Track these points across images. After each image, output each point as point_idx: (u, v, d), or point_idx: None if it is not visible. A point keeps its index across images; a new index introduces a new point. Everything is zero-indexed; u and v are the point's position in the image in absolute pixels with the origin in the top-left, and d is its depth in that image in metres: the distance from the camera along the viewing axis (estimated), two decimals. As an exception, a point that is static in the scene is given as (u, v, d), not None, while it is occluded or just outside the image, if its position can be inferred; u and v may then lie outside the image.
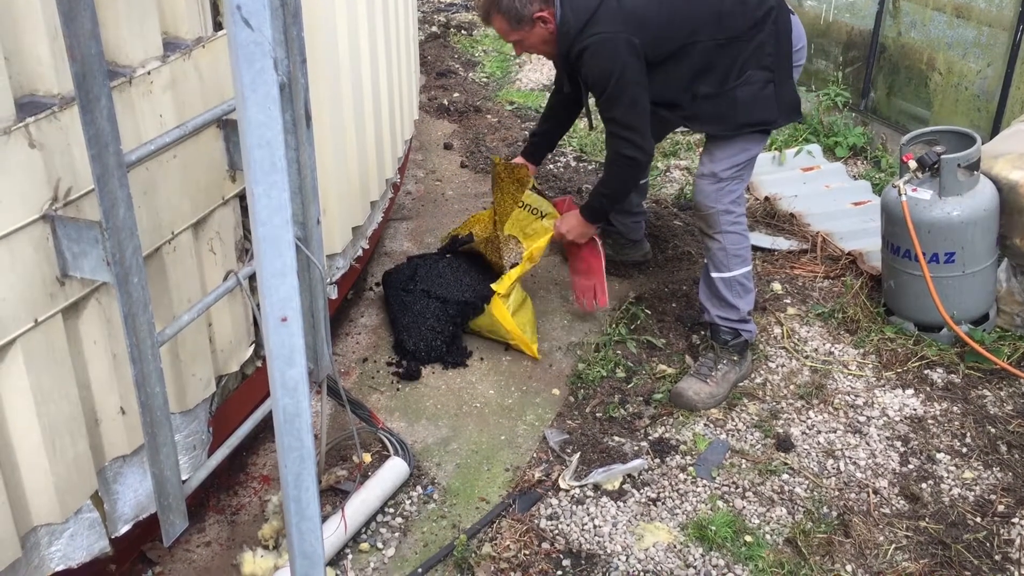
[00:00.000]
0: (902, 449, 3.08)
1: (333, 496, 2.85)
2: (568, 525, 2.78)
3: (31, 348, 1.83)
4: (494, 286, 3.49)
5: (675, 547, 2.71)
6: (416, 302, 3.60)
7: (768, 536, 2.75)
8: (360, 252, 3.52)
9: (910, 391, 3.33)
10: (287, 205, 1.58)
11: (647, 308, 3.81)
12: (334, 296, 3.12)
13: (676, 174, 5.06)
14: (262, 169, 1.55)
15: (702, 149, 3.37)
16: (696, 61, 3.15)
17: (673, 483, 2.94)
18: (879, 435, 3.13)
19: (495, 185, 3.76)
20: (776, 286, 3.97)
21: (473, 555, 2.65)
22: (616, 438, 3.13)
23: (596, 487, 2.91)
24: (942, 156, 3.35)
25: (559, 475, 2.95)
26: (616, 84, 3.07)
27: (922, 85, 4.94)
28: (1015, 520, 2.78)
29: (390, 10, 3.67)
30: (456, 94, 6.26)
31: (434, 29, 7.67)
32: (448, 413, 3.26)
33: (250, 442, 3.06)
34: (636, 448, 3.08)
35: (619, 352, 3.56)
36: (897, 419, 3.21)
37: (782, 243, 4.29)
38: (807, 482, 2.94)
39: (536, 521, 2.78)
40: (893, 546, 2.70)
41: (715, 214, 3.26)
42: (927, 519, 2.79)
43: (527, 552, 2.67)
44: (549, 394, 3.37)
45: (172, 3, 2.14)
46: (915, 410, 3.24)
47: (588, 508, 2.84)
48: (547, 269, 4.09)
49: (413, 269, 3.76)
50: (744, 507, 2.85)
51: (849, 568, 2.64)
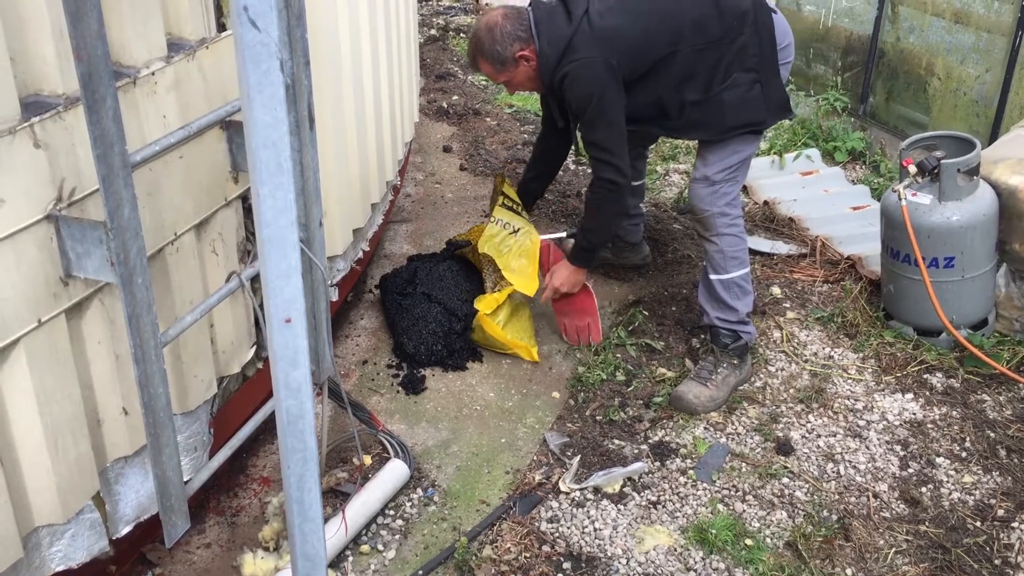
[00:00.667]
0: (902, 453, 3.08)
1: (333, 498, 2.85)
2: (568, 528, 2.78)
3: (34, 348, 1.83)
4: (478, 305, 3.48)
5: (675, 550, 2.71)
6: (416, 305, 3.60)
7: (768, 540, 2.75)
8: (360, 254, 3.52)
9: (909, 395, 3.33)
10: (292, 206, 1.58)
11: (647, 311, 3.82)
12: (335, 298, 3.12)
13: (675, 178, 5.07)
14: (268, 170, 1.55)
15: (696, 153, 3.38)
16: (678, 70, 3.16)
17: (673, 486, 2.95)
18: (879, 439, 3.14)
19: (493, 201, 3.76)
20: (775, 290, 3.98)
21: (474, 558, 2.65)
22: (616, 441, 3.13)
23: (596, 490, 2.91)
24: (942, 161, 3.36)
25: (559, 478, 2.95)
26: (596, 106, 3.11)
27: (921, 90, 4.95)
28: (1015, 524, 2.79)
29: (391, 13, 3.68)
30: (455, 97, 6.26)
31: (433, 32, 7.68)
32: (448, 416, 3.26)
33: (250, 444, 3.05)
34: (636, 451, 3.08)
35: (619, 355, 3.56)
36: (897, 423, 3.21)
37: (781, 247, 4.29)
38: (807, 486, 2.95)
39: (536, 524, 2.78)
40: (893, 550, 2.71)
41: (711, 217, 3.27)
42: (927, 523, 2.80)
43: (528, 555, 2.67)
44: (549, 397, 3.37)
45: (176, 4, 2.14)
46: (915, 414, 3.25)
47: (588, 511, 2.84)
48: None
49: (412, 272, 3.76)
50: (744, 510, 2.85)
51: (849, 572, 2.64)
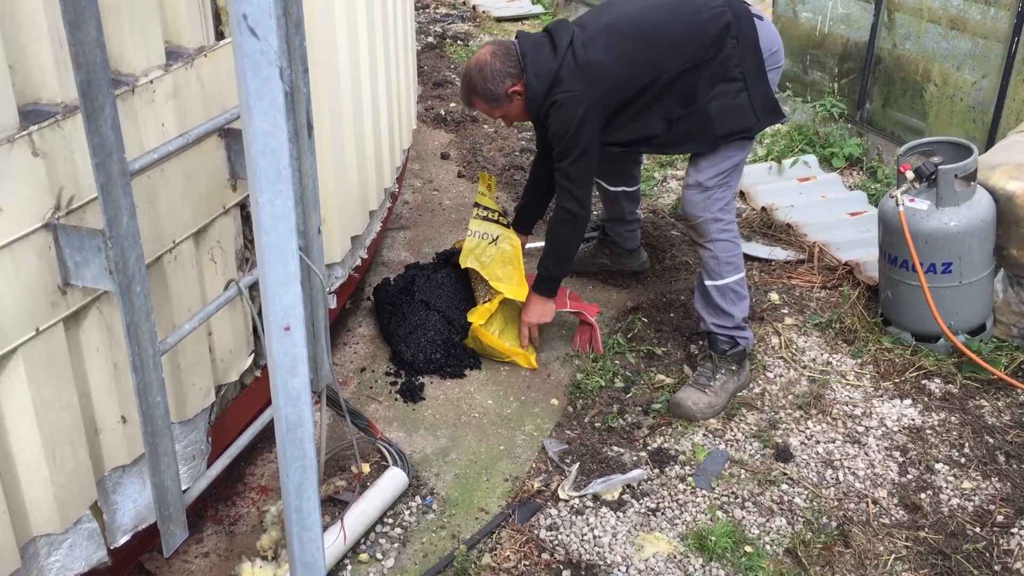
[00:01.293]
0: (901, 459, 3.08)
1: (332, 506, 2.84)
2: (568, 535, 2.77)
3: (32, 357, 1.83)
4: (471, 318, 3.48)
5: (675, 557, 2.70)
6: (414, 313, 3.60)
7: (768, 546, 2.75)
8: (359, 261, 3.51)
9: (908, 401, 3.33)
10: (291, 214, 1.58)
11: (645, 318, 3.82)
12: (333, 305, 3.11)
13: (673, 184, 5.07)
14: (267, 177, 1.55)
15: (688, 160, 3.39)
16: (662, 92, 3.19)
17: (672, 493, 2.94)
18: (878, 445, 3.14)
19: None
20: (773, 296, 3.98)
21: (473, 566, 2.65)
22: (615, 448, 3.12)
23: (595, 497, 2.91)
24: (939, 167, 3.36)
25: (558, 485, 2.95)
26: (570, 138, 3.16)
27: (917, 96, 4.96)
28: (1014, 530, 2.78)
29: (389, 21, 3.68)
30: (453, 104, 6.27)
31: (430, 40, 7.69)
32: (447, 423, 3.26)
33: (248, 452, 3.05)
34: (635, 458, 3.08)
35: (617, 362, 3.56)
36: (895, 429, 3.21)
37: (779, 253, 4.30)
38: (806, 492, 2.94)
39: (536, 531, 2.78)
40: (893, 556, 2.70)
41: (704, 223, 3.28)
42: (926, 529, 2.79)
43: (527, 563, 2.66)
44: (547, 404, 3.37)
45: (174, 12, 2.14)
46: (913, 420, 3.25)
47: (587, 518, 2.83)
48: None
49: (410, 279, 3.76)
50: (744, 517, 2.85)
51: (849, 578, 2.64)
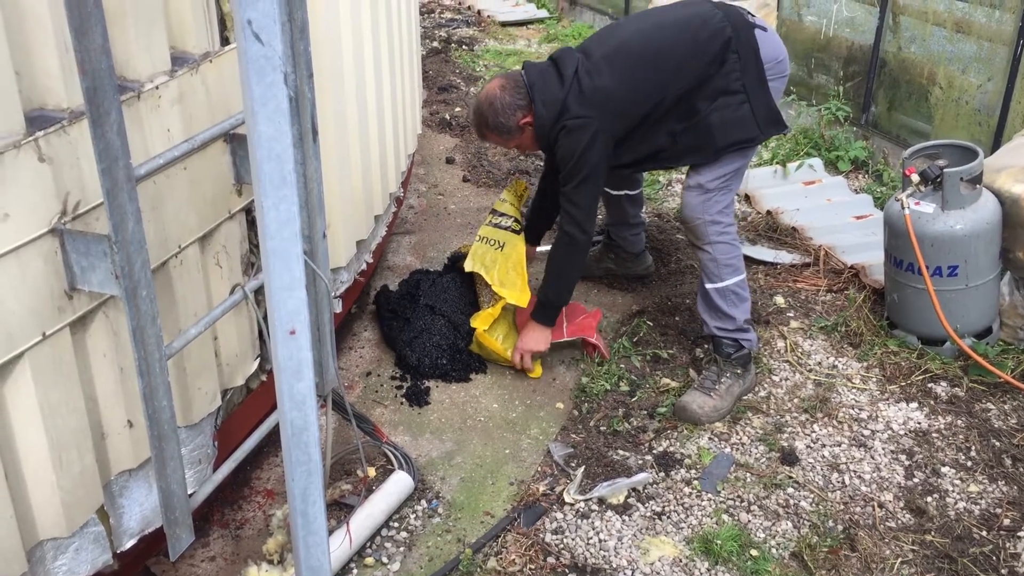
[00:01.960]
0: (907, 463, 3.07)
1: (337, 510, 2.85)
2: (573, 539, 2.77)
3: (39, 362, 1.83)
4: (474, 323, 3.50)
5: (681, 561, 2.70)
6: (420, 318, 3.60)
7: (774, 550, 2.74)
8: (364, 266, 3.52)
9: (914, 404, 3.33)
10: (296, 218, 1.59)
11: (650, 321, 3.82)
12: (338, 310, 3.12)
13: (678, 188, 5.07)
14: (272, 183, 1.56)
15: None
16: (665, 111, 3.23)
17: (678, 497, 2.94)
18: (884, 448, 3.13)
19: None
20: (779, 300, 3.98)
21: (478, 569, 2.65)
22: (620, 452, 3.12)
23: (601, 501, 2.91)
24: (945, 170, 3.36)
25: (564, 489, 2.95)
26: (576, 162, 3.19)
27: (923, 99, 4.96)
28: (1021, 534, 2.77)
29: (394, 25, 3.69)
30: (458, 108, 6.28)
31: (435, 44, 7.71)
32: (452, 427, 3.26)
33: (254, 456, 3.05)
34: (641, 462, 3.08)
35: (622, 365, 3.56)
36: (901, 433, 3.20)
37: (784, 257, 4.29)
38: (812, 496, 2.94)
39: (541, 535, 2.78)
40: (899, 560, 2.69)
41: (702, 225, 3.28)
42: (933, 533, 2.79)
43: (532, 566, 2.66)
44: (553, 408, 3.37)
45: (180, 18, 2.15)
46: (919, 423, 3.24)
47: (593, 522, 2.83)
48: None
49: (415, 284, 3.77)
50: (749, 521, 2.85)
51: (855, 582, 2.63)
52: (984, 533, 2.79)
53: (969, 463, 3.06)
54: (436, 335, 3.55)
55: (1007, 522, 2.82)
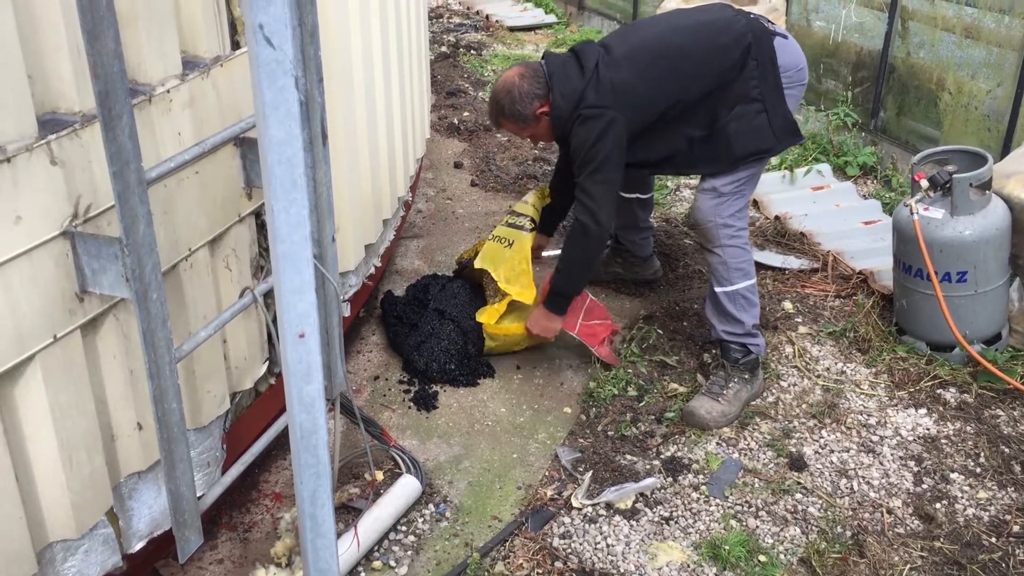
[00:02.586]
0: (916, 469, 3.06)
1: (345, 514, 2.85)
2: (581, 544, 2.77)
3: (50, 364, 1.84)
4: (480, 319, 3.52)
5: (688, 566, 2.69)
6: (428, 322, 3.61)
7: (782, 556, 2.73)
8: (372, 270, 3.53)
9: (923, 411, 3.32)
10: (306, 222, 1.59)
11: (658, 327, 3.81)
12: (347, 314, 3.13)
13: (686, 193, 5.07)
14: (282, 186, 1.56)
15: None
16: (684, 113, 3.22)
17: (686, 502, 2.93)
18: (892, 455, 3.12)
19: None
20: (787, 305, 3.97)
21: (486, 574, 2.64)
22: (628, 456, 3.12)
23: (609, 506, 2.91)
24: (954, 175, 3.35)
25: (571, 493, 2.95)
26: (590, 150, 3.16)
27: (932, 105, 4.95)
28: (1031, 541, 2.77)
29: (402, 30, 3.70)
30: (466, 113, 6.29)
31: (444, 49, 7.72)
32: (460, 431, 3.26)
33: (262, 459, 3.06)
34: (648, 467, 3.08)
35: (630, 370, 3.56)
36: (910, 439, 3.19)
37: (793, 262, 4.29)
38: (821, 501, 2.93)
39: (549, 540, 2.77)
40: (908, 566, 2.69)
41: (714, 227, 3.28)
42: (942, 539, 2.78)
43: (540, 571, 2.66)
44: (561, 412, 3.37)
45: (191, 22, 2.16)
46: (928, 430, 3.23)
47: (601, 527, 2.83)
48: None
49: (423, 288, 3.78)
50: (757, 526, 2.84)
51: (864, 588, 2.62)
52: (993, 540, 2.78)
53: (978, 469, 3.05)
54: (444, 339, 3.55)
55: (1016, 529, 2.81)
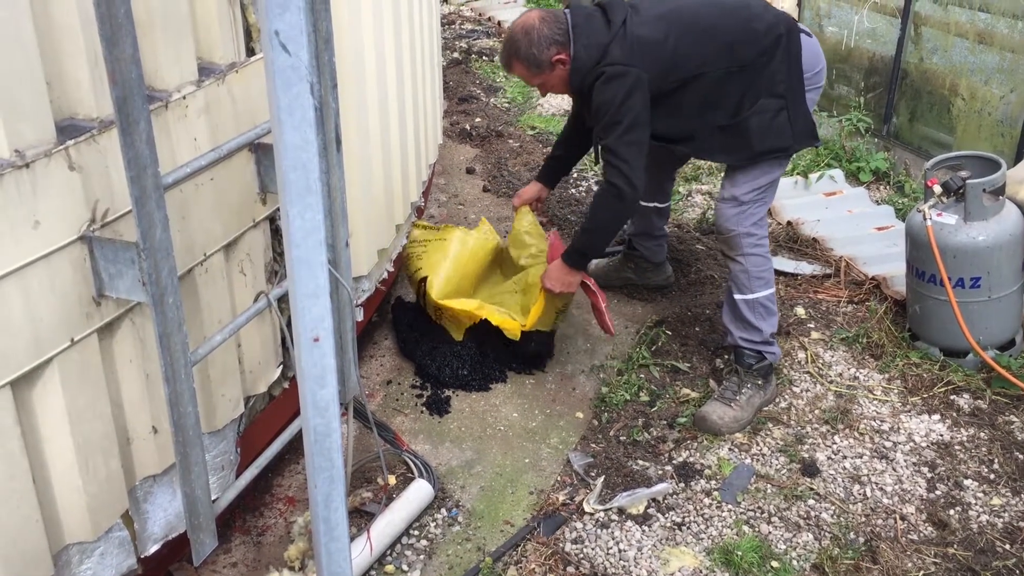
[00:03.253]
0: (929, 475, 3.05)
1: (358, 518, 2.86)
2: (593, 549, 2.77)
3: (67, 367, 1.86)
4: (515, 325, 3.43)
5: (701, 572, 2.69)
6: (439, 330, 3.62)
7: (795, 562, 2.73)
8: (385, 275, 3.54)
9: (936, 417, 3.31)
10: (321, 227, 1.61)
11: (670, 332, 3.81)
12: (360, 318, 3.14)
13: (698, 198, 5.07)
14: (297, 191, 1.57)
15: (724, 174, 3.38)
16: (706, 91, 3.15)
17: (698, 507, 2.93)
18: (905, 461, 3.11)
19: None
20: (800, 310, 3.96)
21: (498, 578, 2.65)
22: (640, 462, 3.12)
23: (621, 511, 2.91)
24: (967, 181, 3.35)
25: (583, 498, 2.95)
26: (616, 111, 3.06)
27: (945, 111, 4.94)
28: (1045, 547, 2.75)
29: (416, 37, 3.72)
30: (478, 119, 6.30)
31: (456, 55, 7.74)
32: (472, 436, 3.27)
33: (275, 463, 3.07)
34: (660, 472, 3.07)
35: (642, 376, 3.56)
36: (923, 445, 3.18)
37: (805, 268, 4.28)
38: (833, 507, 2.92)
39: (561, 545, 2.78)
40: (921, 573, 2.68)
41: (737, 236, 3.27)
42: (955, 546, 2.77)
43: (552, 575, 2.67)
44: (573, 417, 3.37)
45: (207, 29, 2.18)
46: (941, 436, 3.22)
47: (613, 532, 2.83)
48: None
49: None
50: (770, 532, 2.83)
51: (877, 595, 2.62)
52: (1007, 546, 2.76)
53: (992, 476, 3.04)
54: (456, 344, 3.56)
55: (1031, 536, 2.80)
